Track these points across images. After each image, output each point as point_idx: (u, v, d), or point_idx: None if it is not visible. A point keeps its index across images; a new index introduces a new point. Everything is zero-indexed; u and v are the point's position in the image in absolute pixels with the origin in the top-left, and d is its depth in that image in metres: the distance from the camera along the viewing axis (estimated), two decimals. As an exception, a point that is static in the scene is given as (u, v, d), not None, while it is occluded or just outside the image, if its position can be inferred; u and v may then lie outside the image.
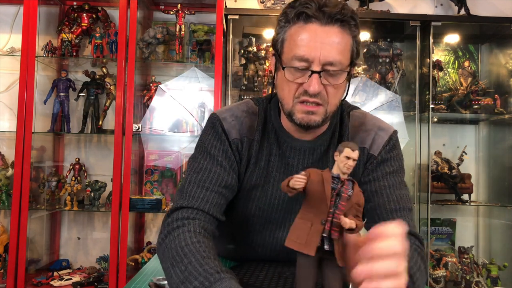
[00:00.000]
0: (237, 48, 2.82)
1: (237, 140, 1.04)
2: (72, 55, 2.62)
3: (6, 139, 2.77)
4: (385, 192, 1.01)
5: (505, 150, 2.79)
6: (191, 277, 0.76)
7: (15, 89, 2.57)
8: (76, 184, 2.62)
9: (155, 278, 0.91)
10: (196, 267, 0.78)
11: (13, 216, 2.40)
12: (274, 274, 1.00)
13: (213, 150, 1.02)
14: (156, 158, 2.68)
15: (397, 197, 1.00)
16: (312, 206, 0.70)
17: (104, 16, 2.75)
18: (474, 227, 2.91)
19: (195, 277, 0.76)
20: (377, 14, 2.67)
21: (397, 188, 1.02)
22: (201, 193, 0.97)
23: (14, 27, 2.79)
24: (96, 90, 2.69)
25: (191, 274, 0.77)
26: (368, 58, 2.79)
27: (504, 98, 2.75)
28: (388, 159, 1.05)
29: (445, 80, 2.89)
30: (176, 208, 0.95)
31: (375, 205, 1.00)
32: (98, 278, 2.49)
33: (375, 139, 1.06)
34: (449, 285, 2.58)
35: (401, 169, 1.07)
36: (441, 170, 2.63)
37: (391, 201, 0.99)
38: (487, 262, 2.66)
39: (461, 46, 2.93)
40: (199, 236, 0.87)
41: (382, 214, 0.99)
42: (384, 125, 1.10)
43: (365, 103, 2.66)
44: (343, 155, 0.68)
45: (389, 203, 0.99)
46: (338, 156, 0.69)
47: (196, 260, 0.79)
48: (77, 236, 2.82)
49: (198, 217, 0.93)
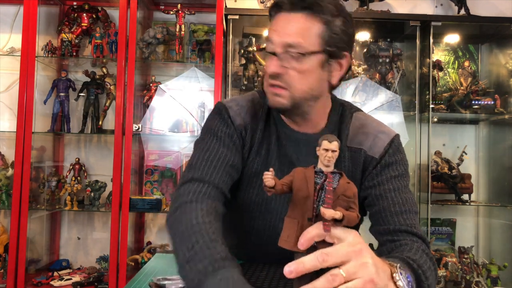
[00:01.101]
0: (237, 48, 2.82)
1: (242, 126, 1.07)
2: (72, 55, 2.62)
3: (6, 139, 2.77)
4: (389, 195, 1.00)
5: (505, 150, 2.79)
6: (197, 258, 0.76)
7: (15, 89, 2.57)
8: (76, 184, 2.62)
9: (155, 278, 0.91)
10: (204, 248, 0.77)
11: (13, 216, 2.40)
12: (275, 274, 1.01)
13: (220, 132, 1.05)
14: (156, 158, 2.68)
15: (402, 200, 0.99)
16: (298, 203, 0.70)
17: (104, 16, 2.75)
18: (474, 227, 2.91)
19: (200, 260, 0.75)
20: (377, 14, 2.66)
21: (403, 192, 1.02)
22: (209, 168, 0.98)
23: (14, 27, 2.79)
24: (96, 90, 2.69)
25: (197, 255, 0.76)
26: (368, 58, 2.79)
27: (504, 98, 2.75)
28: (392, 163, 1.05)
29: (445, 80, 2.89)
30: (188, 180, 0.96)
31: (380, 208, 1.00)
32: (98, 278, 2.49)
33: (375, 142, 1.06)
34: (449, 285, 2.58)
35: (406, 174, 1.07)
36: (441, 170, 2.63)
37: (396, 204, 0.99)
38: (487, 262, 2.66)
39: (461, 46, 2.93)
40: (210, 217, 0.86)
41: (387, 217, 0.98)
42: (386, 128, 1.10)
43: (365, 103, 2.66)
44: (322, 147, 0.68)
45: (394, 206, 0.98)
46: (318, 150, 0.69)
47: (204, 242, 0.78)
48: (77, 236, 2.82)
49: (209, 192, 0.94)
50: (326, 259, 0.64)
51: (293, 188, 0.70)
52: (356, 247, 0.66)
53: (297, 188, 0.70)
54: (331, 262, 0.64)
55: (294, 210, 0.70)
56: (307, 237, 0.66)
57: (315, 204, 0.68)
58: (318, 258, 0.64)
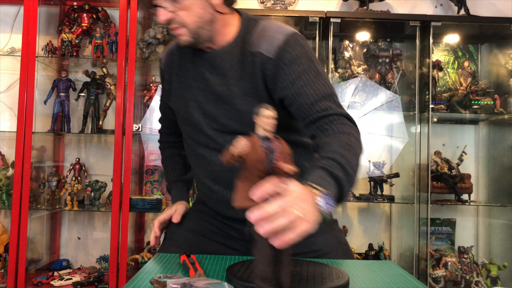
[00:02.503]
0: (237, 48, 2.82)
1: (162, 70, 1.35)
2: (72, 55, 2.62)
3: (6, 139, 2.77)
4: (303, 90, 1.08)
5: (505, 150, 2.79)
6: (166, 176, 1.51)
7: (15, 89, 2.57)
8: (76, 184, 2.62)
9: (157, 276, 0.91)
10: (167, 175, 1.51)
11: (13, 216, 2.40)
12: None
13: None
14: (156, 158, 2.68)
15: (314, 91, 1.08)
16: (249, 167, 0.79)
17: (104, 16, 2.75)
18: (474, 227, 2.92)
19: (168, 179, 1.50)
20: (377, 14, 2.67)
21: (313, 82, 1.09)
22: (162, 120, 1.53)
23: (14, 27, 2.79)
24: (96, 90, 2.69)
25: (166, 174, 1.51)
26: (368, 58, 2.80)
27: (504, 98, 2.75)
28: (294, 58, 1.10)
29: (445, 80, 2.90)
30: (159, 131, 1.57)
31: (298, 105, 1.09)
32: (98, 278, 2.49)
33: (271, 42, 1.11)
34: (449, 285, 2.58)
35: (311, 63, 1.12)
36: (441, 170, 2.64)
37: (309, 96, 1.08)
38: (486, 262, 2.67)
39: (461, 46, 2.93)
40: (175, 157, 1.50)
41: (306, 110, 1.08)
42: (283, 29, 1.14)
43: (365, 103, 2.67)
44: (262, 115, 0.79)
45: (309, 98, 1.08)
46: (258, 118, 0.79)
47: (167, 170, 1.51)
48: (77, 236, 2.82)
49: (171, 139, 1.51)
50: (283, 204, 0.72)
51: (245, 158, 0.79)
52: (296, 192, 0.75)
53: (247, 154, 0.78)
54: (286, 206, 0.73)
55: (245, 173, 0.80)
56: (263, 189, 0.72)
57: (266, 164, 0.78)
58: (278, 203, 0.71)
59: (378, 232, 2.90)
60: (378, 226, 2.91)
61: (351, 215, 2.91)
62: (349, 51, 2.79)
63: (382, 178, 2.68)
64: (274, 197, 0.72)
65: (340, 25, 2.63)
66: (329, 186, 0.86)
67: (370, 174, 2.69)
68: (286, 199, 0.71)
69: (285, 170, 0.77)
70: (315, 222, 0.75)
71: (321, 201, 0.81)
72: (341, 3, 2.87)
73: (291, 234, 0.70)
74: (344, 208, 2.91)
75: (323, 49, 2.71)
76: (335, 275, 0.95)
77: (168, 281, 0.83)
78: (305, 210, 0.73)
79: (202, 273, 0.91)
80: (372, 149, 2.76)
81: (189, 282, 0.82)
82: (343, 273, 0.96)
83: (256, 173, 0.78)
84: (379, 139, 2.79)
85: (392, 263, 1.15)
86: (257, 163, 0.78)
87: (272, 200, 0.71)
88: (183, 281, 0.83)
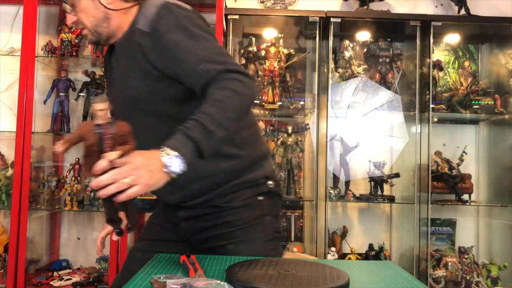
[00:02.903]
0: (237, 48, 2.82)
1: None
2: (72, 55, 2.62)
3: (6, 139, 2.77)
4: (183, 57, 1.10)
5: (505, 150, 2.79)
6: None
7: (15, 89, 2.57)
8: (76, 184, 2.62)
9: (156, 276, 0.91)
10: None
11: (13, 216, 2.40)
12: (274, 272, 1.00)
13: None
14: (156, 158, 2.67)
15: (193, 54, 1.09)
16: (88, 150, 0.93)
17: (104, 16, 2.74)
18: (474, 227, 2.91)
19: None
20: (377, 14, 2.67)
21: (192, 47, 1.10)
22: None
23: (14, 27, 2.79)
24: (96, 90, 2.69)
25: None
26: (368, 58, 2.80)
27: (504, 98, 2.75)
28: (169, 29, 1.11)
29: (445, 80, 2.89)
30: None
31: (184, 74, 1.11)
32: (98, 278, 2.49)
33: (146, 17, 1.14)
34: (449, 285, 2.58)
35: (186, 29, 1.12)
36: (441, 170, 2.64)
37: (191, 62, 1.09)
38: (487, 262, 2.66)
39: (461, 46, 2.93)
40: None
41: (192, 76, 1.09)
42: (157, 1, 1.16)
43: (365, 103, 2.67)
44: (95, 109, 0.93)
45: (191, 63, 1.09)
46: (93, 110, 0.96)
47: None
48: (77, 236, 2.82)
49: None
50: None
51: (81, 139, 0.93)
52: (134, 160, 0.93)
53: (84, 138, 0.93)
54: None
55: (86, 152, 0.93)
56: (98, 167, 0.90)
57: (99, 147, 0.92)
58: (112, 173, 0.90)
59: (378, 232, 2.89)
60: (379, 226, 2.90)
61: (352, 215, 2.91)
62: (349, 51, 2.79)
63: (383, 178, 2.68)
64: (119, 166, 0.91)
65: (340, 25, 2.63)
66: (184, 147, 0.96)
67: (371, 174, 2.69)
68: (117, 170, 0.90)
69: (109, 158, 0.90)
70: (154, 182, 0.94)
71: (168, 161, 0.94)
72: (341, 3, 2.87)
73: (122, 195, 0.91)
74: (345, 208, 2.91)
75: (323, 48, 2.71)
76: (335, 275, 0.95)
77: (168, 282, 0.82)
78: (138, 176, 0.91)
79: (202, 274, 0.91)
80: (372, 149, 2.76)
81: (189, 282, 0.82)
82: (343, 273, 0.96)
83: (94, 153, 0.92)
84: (380, 139, 2.79)
85: (392, 263, 1.15)
86: (92, 146, 0.92)
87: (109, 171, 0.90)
88: (183, 282, 0.82)
